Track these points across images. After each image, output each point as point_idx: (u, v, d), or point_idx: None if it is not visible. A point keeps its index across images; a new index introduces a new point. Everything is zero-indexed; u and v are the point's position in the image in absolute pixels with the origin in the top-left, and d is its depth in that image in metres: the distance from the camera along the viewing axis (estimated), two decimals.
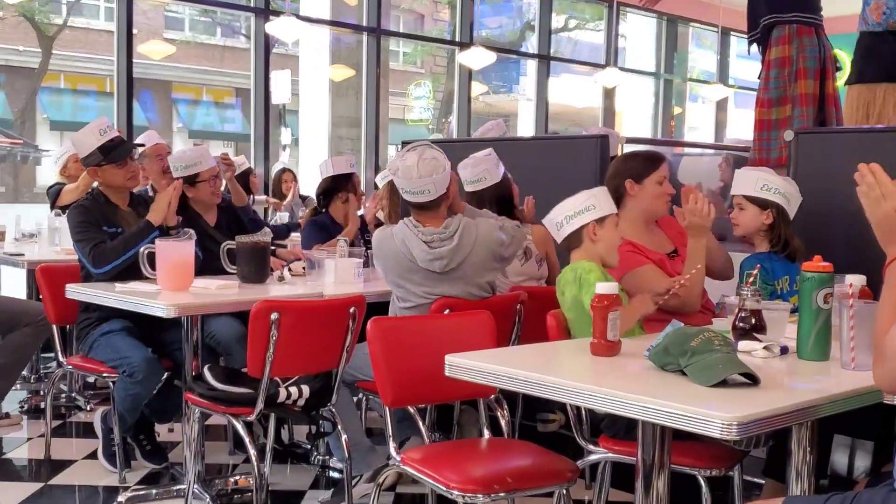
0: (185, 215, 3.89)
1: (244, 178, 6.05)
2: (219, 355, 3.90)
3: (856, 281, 2.15)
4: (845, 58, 8.14)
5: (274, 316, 2.85)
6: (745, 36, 4.96)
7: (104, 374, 3.61)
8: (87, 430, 4.30)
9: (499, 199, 3.74)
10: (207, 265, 3.58)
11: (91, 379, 4.47)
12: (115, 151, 3.70)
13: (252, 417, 3.02)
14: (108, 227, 3.67)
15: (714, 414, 1.70)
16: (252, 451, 3.05)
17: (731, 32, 12.12)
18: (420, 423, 3.05)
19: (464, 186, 3.78)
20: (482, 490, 2.34)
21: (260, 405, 2.98)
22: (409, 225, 3.28)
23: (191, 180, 4.00)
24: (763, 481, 3.15)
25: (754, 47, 4.82)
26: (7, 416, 4.37)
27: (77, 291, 3.41)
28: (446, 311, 3.05)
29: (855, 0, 4.63)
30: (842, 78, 5.40)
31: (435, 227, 3.25)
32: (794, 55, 4.62)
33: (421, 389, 2.70)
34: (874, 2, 4.52)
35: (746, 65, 11.61)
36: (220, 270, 3.59)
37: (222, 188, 4.36)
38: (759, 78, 4.87)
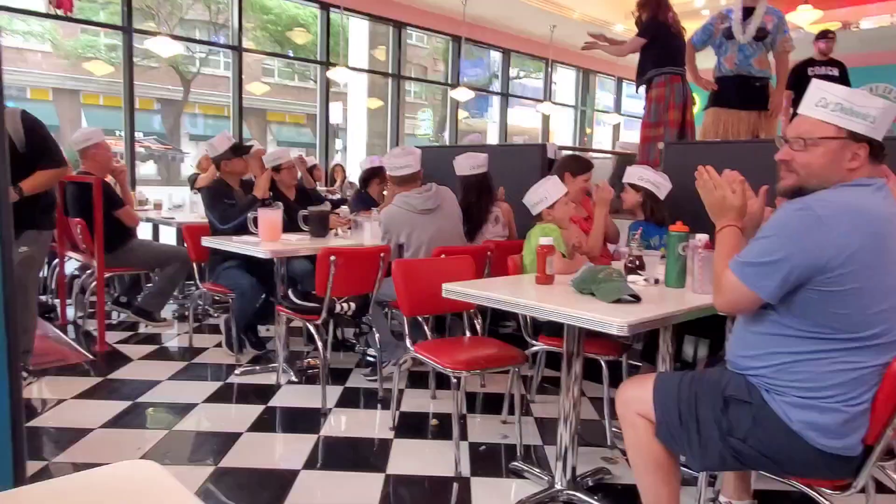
0: (274, 193, 3.89)
1: (311, 171, 6.03)
2: (297, 283, 3.91)
3: (702, 238, 2.15)
4: (697, 98, 8.08)
5: (332, 258, 2.85)
6: (634, 82, 4.90)
7: (226, 294, 3.63)
8: (213, 329, 4.32)
9: (479, 185, 3.72)
10: (289, 226, 3.57)
11: (217, 297, 4.46)
12: (240, 149, 3.85)
13: (319, 321, 3.03)
14: (228, 199, 3.68)
15: (613, 319, 1.71)
16: (319, 343, 3.06)
17: (623, 80, 12.08)
18: (425, 327, 3.08)
19: (457, 173, 3.76)
20: (464, 368, 2.36)
21: (324, 314, 2.99)
22: (403, 194, 3.30)
23: (277, 169, 3.98)
24: (641, 364, 3.18)
25: (642, 89, 4.77)
26: (165, 320, 4.39)
27: (209, 241, 3.40)
28: (442, 256, 3.03)
29: (711, 57, 4.57)
30: (697, 110, 5.34)
31: (419, 188, 3.29)
32: (667, 94, 4.57)
33: (426, 305, 2.70)
34: (728, 54, 4.46)
35: (633, 101, 11.63)
36: (298, 229, 3.58)
37: (298, 176, 4.32)
38: (643, 109, 4.83)
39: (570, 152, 4.26)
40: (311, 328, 3.08)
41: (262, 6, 8.43)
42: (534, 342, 2.76)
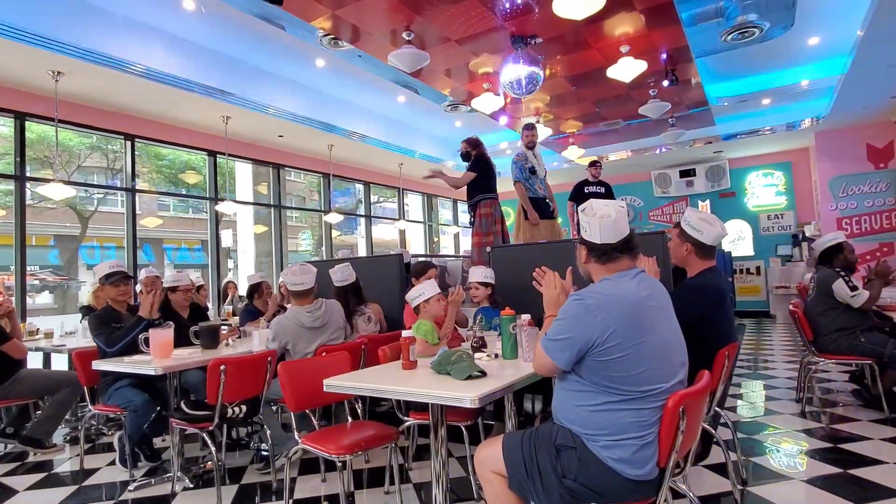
0: (168, 312, 3.49)
1: (198, 290, 5.51)
2: (190, 393, 3.46)
3: (525, 317, 2.21)
4: (511, 211, 8.72)
5: (222, 367, 2.56)
6: (467, 202, 5.20)
7: (118, 413, 3.09)
8: (108, 448, 3.63)
9: (354, 290, 3.62)
10: (183, 341, 3.19)
11: (111, 416, 3.78)
12: (110, 277, 3.31)
13: (211, 427, 2.66)
14: (116, 324, 3.20)
15: (465, 395, 1.67)
16: (212, 447, 2.67)
17: (458, 200, 12.80)
18: (313, 418, 2.82)
19: (334, 283, 3.63)
20: (347, 451, 2.17)
21: (216, 419, 2.64)
22: (295, 308, 3.08)
23: (173, 290, 3.61)
24: (494, 423, 3.14)
25: (467, 210, 5.13)
26: (55, 446, 3.62)
27: (101, 364, 2.90)
28: (323, 354, 2.84)
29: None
30: (509, 222, 5.81)
31: (310, 304, 3.09)
32: (492, 212, 4.96)
33: (312, 399, 2.47)
34: (538, 184, 5.14)
35: (467, 216, 12.29)
36: (191, 343, 3.20)
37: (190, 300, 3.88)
38: (471, 223, 5.15)
39: (419, 259, 4.33)
40: (205, 434, 2.69)
41: (156, 153, 8.03)
42: (406, 418, 2.63)
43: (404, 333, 2.20)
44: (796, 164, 10.12)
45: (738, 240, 10.49)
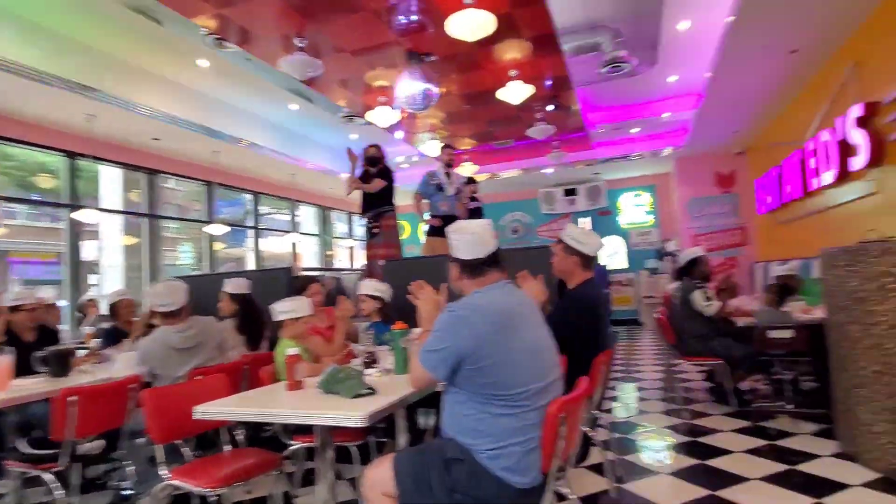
0: (9, 336, 2.98)
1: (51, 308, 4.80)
2: (33, 429, 2.96)
3: (416, 331, 2.19)
4: (407, 225, 8.73)
5: (73, 398, 2.23)
6: (369, 212, 5.06)
7: None
8: None
9: (247, 301, 3.38)
10: (27, 369, 2.74)
11: None
12: None
13: (58, 469, 2.29)
14: None
15: (353, 414, 1.61)
16: (60, 491, 2.30)
17: (352, 213, 12.55)
18: (185, 450, 2.54)
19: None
20: (223, 484, 1.97)
21: (64, 459, 2.28)
22: (164, 327, 2.78)
23: (15, 309, 3.09)
24: (386, 440, 3.07)
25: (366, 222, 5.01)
26: None
27: None
28: (197, 378, 2.58)
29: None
30: (406, 235, 5.80)
31: (182, 324, 2.81)
32: (396, 224, 4.98)
33: (182, 428, 2.23)
34: (442, 201, 5.25)
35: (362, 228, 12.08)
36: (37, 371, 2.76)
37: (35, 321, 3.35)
38: (371, 235, 5.03)
39: (302, 273, 4.16)
40: (48, 476, 2.31)
41: (3, 153, 6.89)
42: (290, 442, 2.47)
43: (288, 351, 2.07)
44: (660, 187, 11.32)
45: (613, 254, 11.45)
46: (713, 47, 5.68)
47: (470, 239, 1.69)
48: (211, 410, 1.82)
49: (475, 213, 6.55)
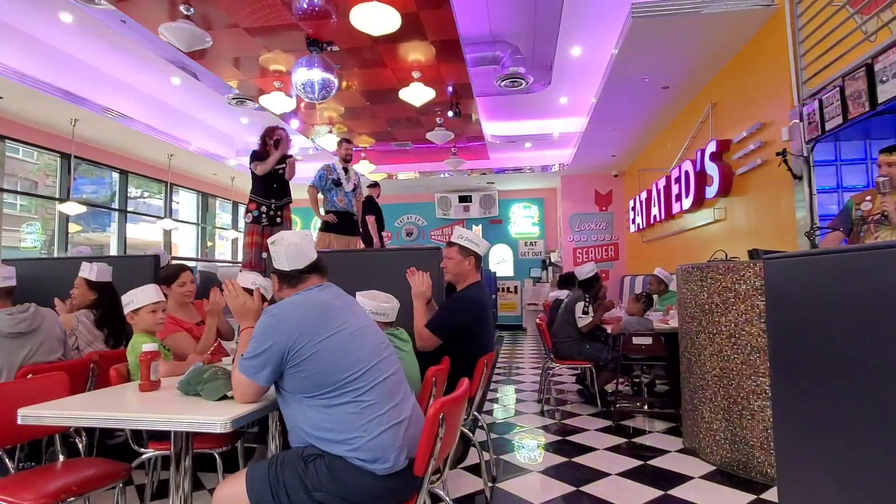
0: None
1: None
2: None
3: None
4: (298, 219, 8.31)
5: None
6: (274, 201, 4.61)
7: None
8: None
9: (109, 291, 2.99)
10: None
11: None
12: None
13: None
14: None
15: (216, 419, 1.45)
16: None
17: (239, 203, 11.75)
18: (6, 460, 2.15)
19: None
20: (51, 500, 1.69)
21: None
22: None
23: None
24: (256, 445, 2.86)
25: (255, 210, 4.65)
26: None
27: None
28: (30, 376, 2.20)
29: None
30: (298, 228, 5.51)
31: (10, 306, 2.40)
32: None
33: (4, 436, 1.90)
34: (339, 196, 5.01)
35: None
36: None
37: None
38: (266, 223, 4.64)
39: (174, 262, 3.78)
40: None
41: None
42: (143, 450, 2.20)
43: (144, 347, 1.83)
44: (547, 201, 12.04)
45: (501, 262, 11.93)
46: (600, 75, 6.16)
47: (288, 250, 1.70)
48: (42, 414, 1.55)
49: (370, 211, 6.45)
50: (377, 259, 3.17)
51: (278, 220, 4.57)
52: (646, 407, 4.41)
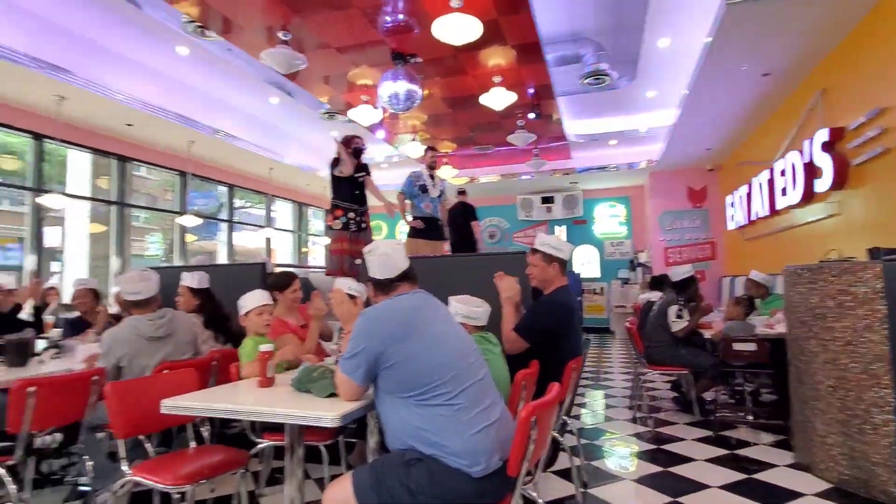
0: None
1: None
2: None
3: None
4: (382, 224, 8.61)
5: (31, 389, 2.14)
6: (361, 207, 4.87)
7: None
8: None
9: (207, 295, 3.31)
10: None
11: None
12: None
13: (13, 461, 2.20)
14: None
15: (326, 414, 1.59)
16: (12, 487, 2.21)
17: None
18: (147, 445, 2.47)
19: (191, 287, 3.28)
20: (186, 482, 1.93)
21: (19, 453, 2.19)
22: (135, 316, 2.69)
23: None
24: (356, 441, 3.04)
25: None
26: None
27: None
28: (164, 372, 2.51)
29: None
30: (382, 235, 5.74)
31: (152, 312, 2.72)
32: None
33: (147, 423, 2.18)
34: (426, 202, 5.20)
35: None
36: None
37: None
38: (357, 230, 4.87)
39: (282, 269, 4.10)
40: (2, 471, 2.22)
41: None
42: (259, 440, 2.44)
43: (261, 347, 2.03)
44: (634, 199, 11.55)
45: (587, 263, 11.62)
46: (691, 66, 5.84)
47: (381, 259, 1.80)
48: (180, 405, 1.77)
49: (472, 216, 6.32)
50: (465, 264, 3.25)
51: (363, 225, 4.80)
52: (750, 417, 4.12)
